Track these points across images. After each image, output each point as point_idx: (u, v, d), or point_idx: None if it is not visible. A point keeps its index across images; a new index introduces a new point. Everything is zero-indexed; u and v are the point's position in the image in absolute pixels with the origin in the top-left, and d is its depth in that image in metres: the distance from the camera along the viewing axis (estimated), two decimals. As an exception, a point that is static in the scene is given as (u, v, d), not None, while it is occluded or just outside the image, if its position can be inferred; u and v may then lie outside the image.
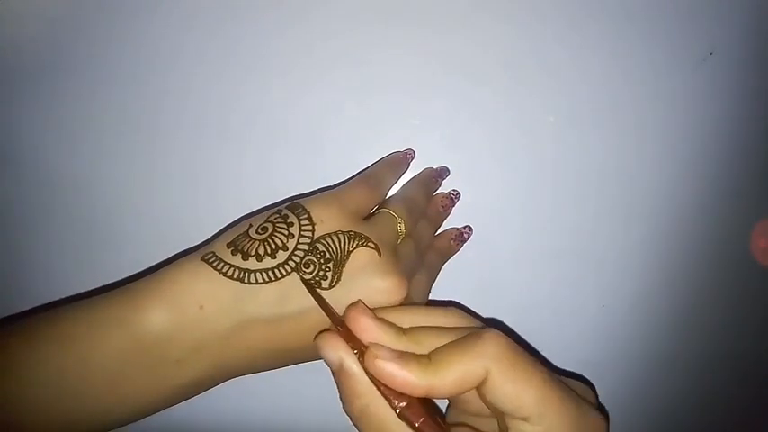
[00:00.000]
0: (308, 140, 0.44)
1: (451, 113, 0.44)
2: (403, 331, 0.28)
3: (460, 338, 0.27)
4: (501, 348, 0.25)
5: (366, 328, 0.27)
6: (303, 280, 0.31)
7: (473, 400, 0.28)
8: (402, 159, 0.43)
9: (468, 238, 0.44)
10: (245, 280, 0.30)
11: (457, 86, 0.43)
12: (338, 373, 0.27)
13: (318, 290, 0.31)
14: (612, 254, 0.45)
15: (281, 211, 0.33)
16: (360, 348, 0.27)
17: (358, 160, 0.43)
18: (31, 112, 0.44)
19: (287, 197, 0.40)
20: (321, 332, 0.28)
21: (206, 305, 0.30)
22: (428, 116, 0.44)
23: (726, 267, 0.45)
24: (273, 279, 0.31)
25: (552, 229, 0.45)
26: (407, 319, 0.29)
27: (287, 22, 0.43)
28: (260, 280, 0.31)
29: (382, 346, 0.26)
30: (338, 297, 0.31)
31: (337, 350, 0.27)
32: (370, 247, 0.33)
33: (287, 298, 0.31)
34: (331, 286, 0.31)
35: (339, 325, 0.28)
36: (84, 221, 0.45)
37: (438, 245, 0.42)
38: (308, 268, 0.31)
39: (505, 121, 0.44)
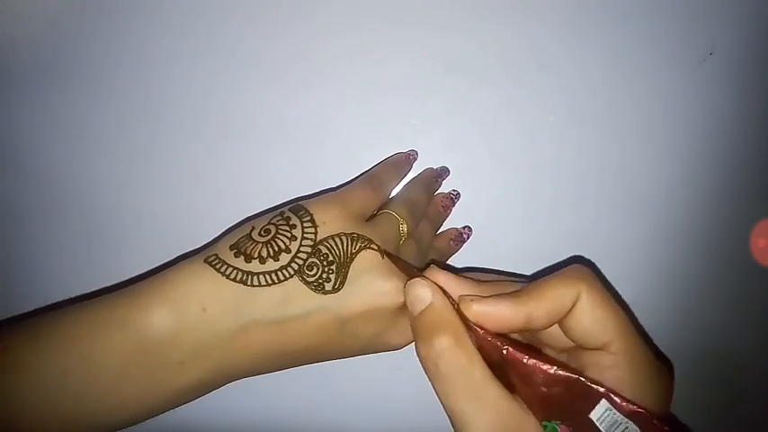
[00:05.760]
0: (308, 141, 0.44)
1: (451, 113, 0.44)
2: (481, 283, 0.28)
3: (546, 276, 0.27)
4: (591, 275, 0.26)
5: (448, 282, 0.28)
6: (378, 247, 0.31)
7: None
8: (405, 160, 0.43)
9: (468, 238, 0.44)
10: (248, 282, 0.30)
11: (457, 86, 0.43)
12: (426, 311, 0.27)
13: (320, 294, 0.31)
14: (612, 254, 0.45)
15: (284, 213, 0.33)
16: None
17: (358, 160, 0.43)
18: (31, 112, 0.43)
19: (289, 199, 0.40)
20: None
21: (209, 307, 0.30)
22: (428, 116, 0.44)
23: (726, 267, 0.45)
24: (276, 281, 0.31)
25: (552, 229, 0.45)
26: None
27: (287, 22, 0.43)
28: (263, 282, 0.31)
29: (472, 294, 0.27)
30: (341, 299, 0.31)
31: (430, 288, 0.27)
32: (374, 250, 0.33)
33: (290, 300, 0.31)
34: (335, 289, 0.31)
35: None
36: (85, 222, 0.45)
37: (438, 245, 0.42)
38: (311, 271, 0.31)
39: (505, 120, 0.44)
